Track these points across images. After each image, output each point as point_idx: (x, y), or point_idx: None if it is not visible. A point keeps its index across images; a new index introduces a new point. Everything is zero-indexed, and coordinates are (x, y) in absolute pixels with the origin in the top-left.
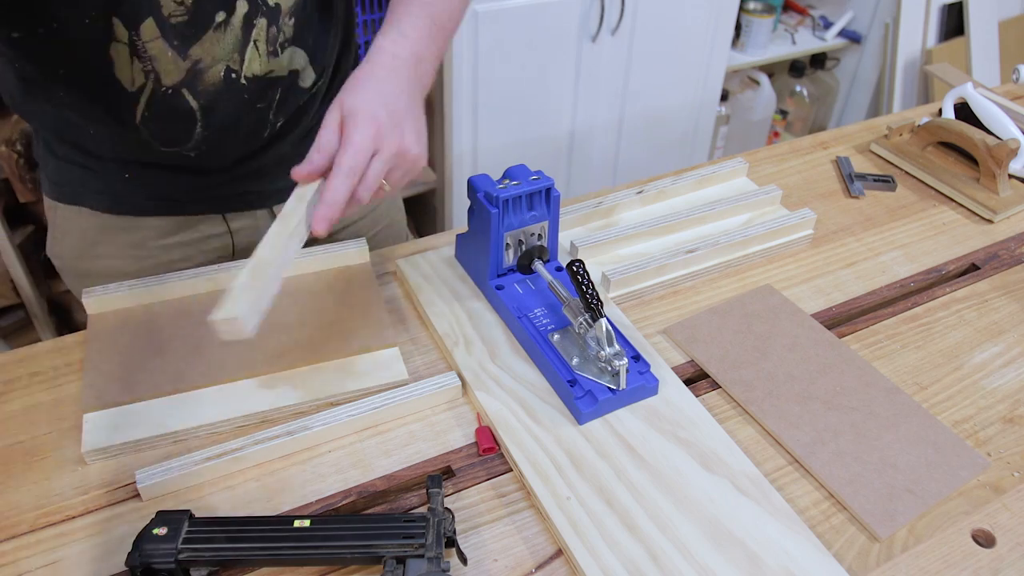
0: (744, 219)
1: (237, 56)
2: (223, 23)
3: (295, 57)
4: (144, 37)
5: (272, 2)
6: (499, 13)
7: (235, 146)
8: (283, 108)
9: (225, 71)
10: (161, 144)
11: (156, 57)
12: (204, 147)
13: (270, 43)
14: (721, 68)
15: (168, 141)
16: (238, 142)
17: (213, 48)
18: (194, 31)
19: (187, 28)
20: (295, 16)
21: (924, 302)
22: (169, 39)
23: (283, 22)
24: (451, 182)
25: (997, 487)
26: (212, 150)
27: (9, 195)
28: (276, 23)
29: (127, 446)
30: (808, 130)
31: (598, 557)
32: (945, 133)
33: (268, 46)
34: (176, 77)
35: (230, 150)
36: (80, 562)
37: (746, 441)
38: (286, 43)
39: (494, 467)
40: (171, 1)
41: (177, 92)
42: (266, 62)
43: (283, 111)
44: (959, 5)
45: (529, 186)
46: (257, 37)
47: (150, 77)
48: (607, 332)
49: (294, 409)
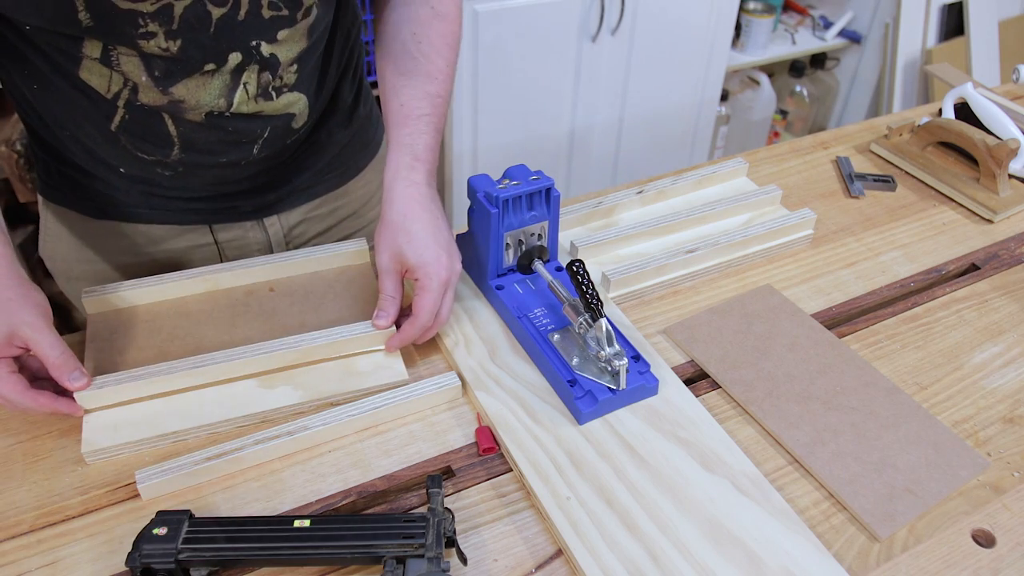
0: (744, 219)
1: (223, 101)
2: (212, 72)
3: (293, 102)
4: (120, 49)
5: (267, 53)
6: (499, 13)
7: (213, 172)
8: (269, 144)
9: (208, 113)
10: (139, 152)
11: (130, 73)
12: (181, 168)
13: (261, 87)
14: (721, 68)
15: (147, 151)
16: (217, 169)
17: (197, 92)
18: (178, 70)
19: (171, 65)
20: (299, 64)
21: (924, 302)
22: (149, 70)
23: (283, 70)
24: (451, 182)
25: (997, 487)
26: (189, 173)
27: (9, 195)
28: (273, 71)
29: (127, 446)
30: (808, 130)
31: (598, 557)
32: (945, 133)
33: (258, 89)
34: (154, 100)
35: (208, 175)
36: (80, 562)
37: (746, 441)
38: (284, 88)
39: (494, 467)
40: (155, 46)
41: (156, 113)
42: (255, 104)
43: (269, 147)
44: (959, 5)
45: (529, 186)
46: (247, 80)
47: (128, 86)
48: (607, 332)
49: (294, 409)
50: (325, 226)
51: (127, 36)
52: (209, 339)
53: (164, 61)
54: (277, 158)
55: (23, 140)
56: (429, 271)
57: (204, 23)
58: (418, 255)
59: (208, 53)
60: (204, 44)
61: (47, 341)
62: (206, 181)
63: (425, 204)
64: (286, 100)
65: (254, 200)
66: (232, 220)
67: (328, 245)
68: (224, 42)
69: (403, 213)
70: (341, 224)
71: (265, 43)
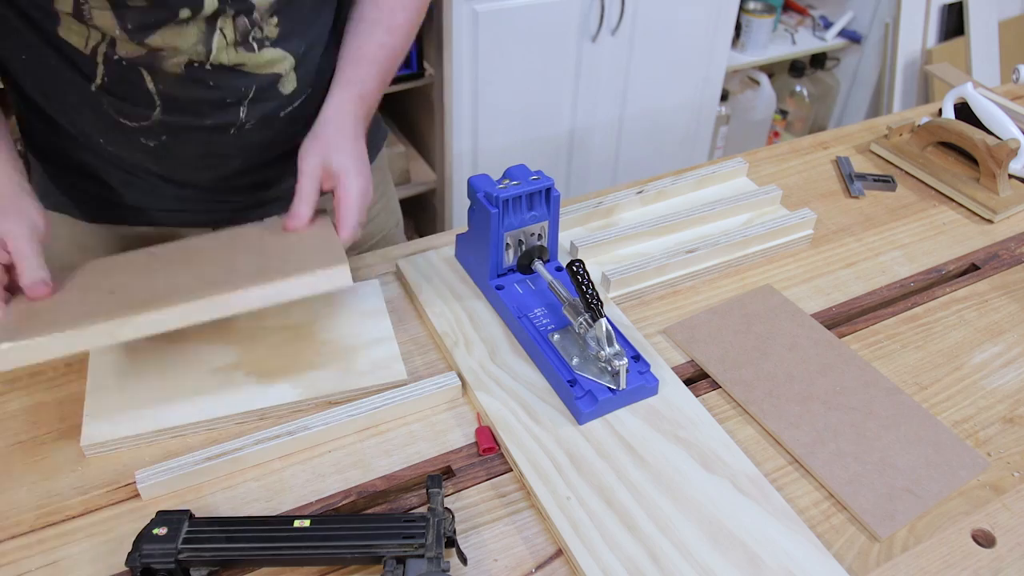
0: (744, 219)
1: (202, 48)
2: (187, 20)
3: (277, 59)
4: (91, 3)
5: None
6: (499, 13)
7: (201, 139)
8: (256, 108)
9: (187, 62)
10: (122, 117)
11: (104, 27)
12: (164, 137)
13: (240, 34)
14: (721, 68)
15: (128, 113)
16: (203, 134)
17: (174, 39)
18: (153, 20)
19: (145, 16)
20: (279, 16)
21: (924, 302)
22: (122, 20)
23: (261, 18)
24: (451, 182)
25: (997, 487)
26: (174, 141)
27: None
28: (249, 16)
29: (126, 440)
30: (808, 130)
31: (598, 557)
32: (945, 133)
33: (236, 35)
34: (131, 52)
35: (195, 145)
36: (80, 562)
37: (746, 441)
38: (265, 41)
39: (494, 467)
40: None
41: (133, 67)
42: (235, 53)
43: (256, 111)
44: (959, 5)
45: (529, 186)
46: (223, 25)
47: (104, 40)
48: (607, 332)
49: (293, 407)
50: None
51: None
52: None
53: (137, 12)
54: (271, 138)
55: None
56: (351, 178)
57: None
58: (342, 163)
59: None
60: None
61: (21, 247)
62: (195, 155)
63: (358, 134)
64: (269, 56)
65: (251, 197)
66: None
67: None
68: None
69: (337, 129)
70: None
71: None
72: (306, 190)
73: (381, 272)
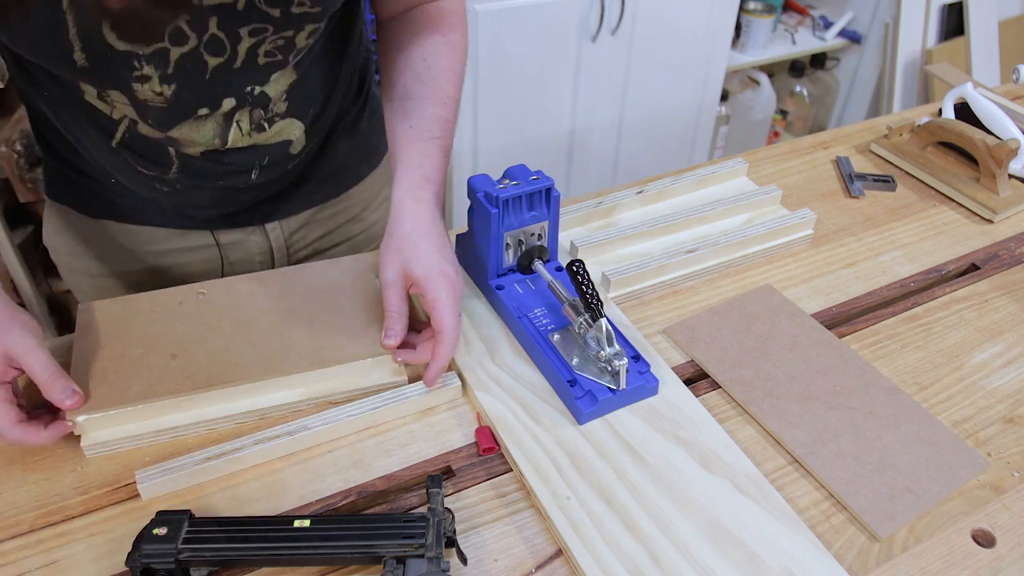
0: (744, 219)
1: (219, 140)
2: (205, 116)
3: (287, 128)
4: (113, 100)
5: (257, 91)
6: (499, 13)
7: (212, 192)
8: (268, 171)
9: (204, 151)
10: (140, 167)
11: (127, 116)
12: (179, 186)
13: (254, 123)
14: (721, 68)
15: (146, 167)
16: (215, 191)
17: (192, 134)
18: (172, 118)
19: (164, 115)
20: (289, 95)
21: (924, 302)
22: (143, 115)
23: (274, 104)
24: (451, 182)
25: (997, 487)
26: (188, 190)
27: (9, 195)
28: (265, 107)
29: (126, 440)
30: (808, 130)
31: (598, 557)
32: (945, 133)
33: (251, 125)
34: (152, 134)
35: (207, 195)
36: (80, 562)
37: (746, 441)
38: (276, 118)
39: (494, 467)
40: (149, 91)
41: (157, 142)
42: (249, 138)
43: (268, 173)
44: (959, 5)
45: (529, 186)
46: (240, 119)
47: (128, 117)
48: (607, 332)
49: (293, 408)
50: (326, 230)
51: (121, 79)
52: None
53: (157, 110)
54: (278, 181)
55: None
56: (439, 283)
57: (200, 70)
58: (425, 267)
59: (203, 98)
60: (199, 90)
61: (38, 360)
62: (204, 200)
63: (434, 223)
64: (278, 128)
65: (254, 212)
66: (233, 227)
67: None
68: (219, 88)
69: (412, 228)
70: (342, 228)
71: (258, 86)
72: (393, 305)
73: None
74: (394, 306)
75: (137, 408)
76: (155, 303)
